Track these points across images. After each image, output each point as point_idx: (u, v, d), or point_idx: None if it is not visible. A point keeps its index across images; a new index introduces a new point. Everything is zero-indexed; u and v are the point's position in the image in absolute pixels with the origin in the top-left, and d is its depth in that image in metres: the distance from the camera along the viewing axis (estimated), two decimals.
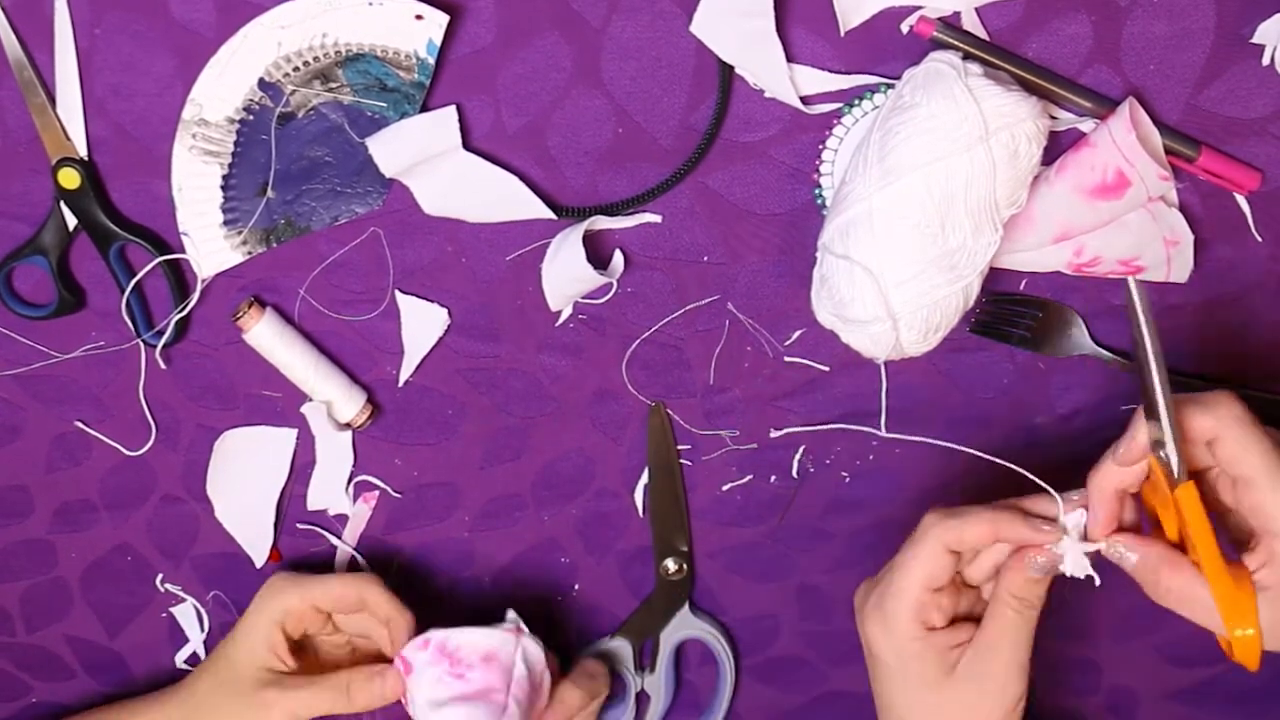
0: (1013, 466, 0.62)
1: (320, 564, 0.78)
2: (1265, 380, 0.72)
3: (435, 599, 0.79)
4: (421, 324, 0.72)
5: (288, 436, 0.75)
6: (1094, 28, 0.65)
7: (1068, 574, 0.61)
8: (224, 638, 0.73)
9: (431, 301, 0.71)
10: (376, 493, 0.76)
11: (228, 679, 0.71)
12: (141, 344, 0.72)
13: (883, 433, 0.74)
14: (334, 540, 0.77)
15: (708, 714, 0.82)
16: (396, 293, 0.71)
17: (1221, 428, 0.56)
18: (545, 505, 0.77)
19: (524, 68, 0.66)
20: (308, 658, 0.74)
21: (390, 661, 0.70)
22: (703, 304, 0.71)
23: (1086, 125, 0.66)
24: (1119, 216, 0.65)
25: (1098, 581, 0.60)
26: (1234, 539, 0.60)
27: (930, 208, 0.60)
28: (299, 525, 0.77)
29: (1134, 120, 0.63)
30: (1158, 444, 0.57)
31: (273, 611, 0.70)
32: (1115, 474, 0.59)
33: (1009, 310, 0.71)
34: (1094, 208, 0.65)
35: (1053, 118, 0.66)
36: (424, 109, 0.67)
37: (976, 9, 0.64)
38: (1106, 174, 0.64)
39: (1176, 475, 0.56)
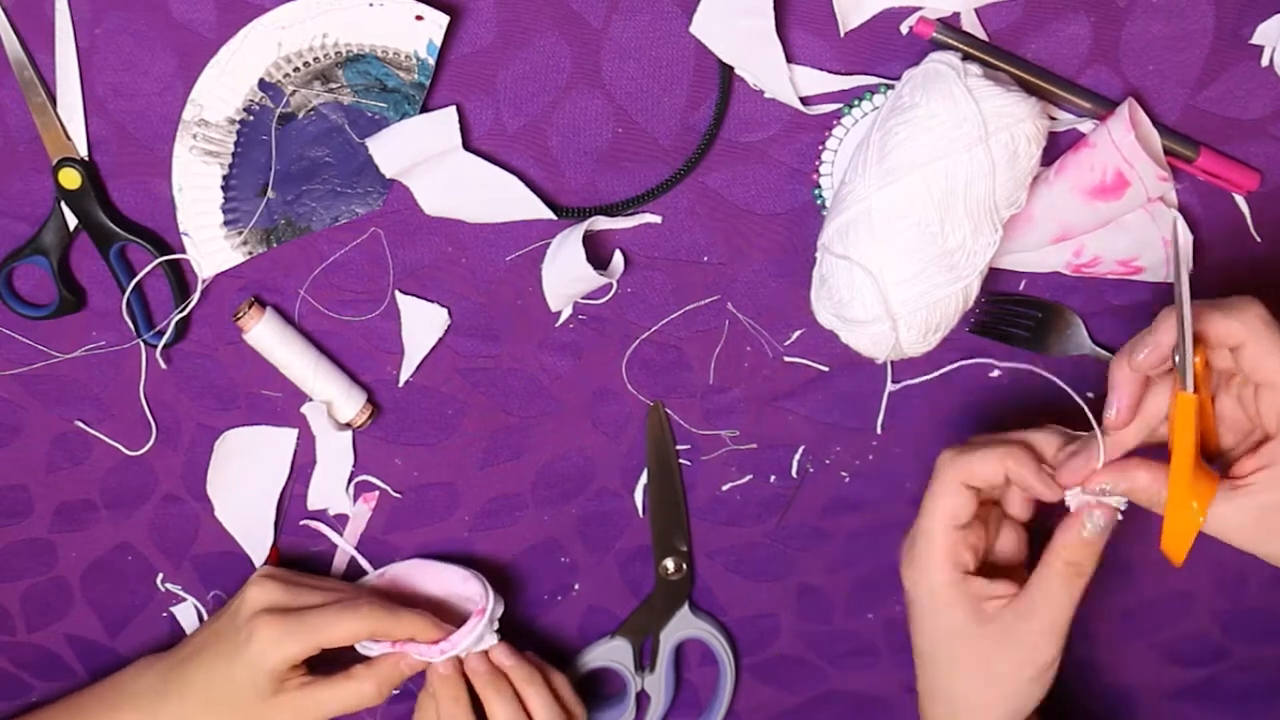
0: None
1: (320, 564, 0.78)
2: None
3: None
4: (422, 324, 0.72)
5: (288, 436, 0.75)
6: (1093, 28, 0.65)
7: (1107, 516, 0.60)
8: (212, 640, 0.72)
9: (432, 302, 0.72)
10: (376, 493, 0.77)
11: (229, 682, 0.70)
12: (142, 344, 0.72)
13: (879, 431, 0.75)
14: (335, 539, 0.77)
15: (708, 713, 0.82)
16: (397, 293, 0.71)
17: (1247, 332, 0.56)
18: (545, 505, 0.77)
19: (524, 68, 0.66)
20: None
21: None
22: (703, 304, 0.71)
23: (1086, 125, 0.66)
24: (1118, 217, 0.65)
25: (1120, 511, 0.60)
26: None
27: (930, 208, 0.61)
28: (300, 524, 0.77)
29: (1133, 121, 0.63)
30: (1175, 349, 0.56)
31: (274, 664, 0.69)
32: (1132, 373, 0.58)
33: (1008, 310, 0.71)
34: (1093, 208, 0.65)
35: (1052, 118, 0.66)
36: (424, 109, 0.67)
37: (976, 9, 0.64)
38: (1106, 174, 0.64)
39: (1185, 385, 0.56)
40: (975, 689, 0.63)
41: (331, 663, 0.72)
